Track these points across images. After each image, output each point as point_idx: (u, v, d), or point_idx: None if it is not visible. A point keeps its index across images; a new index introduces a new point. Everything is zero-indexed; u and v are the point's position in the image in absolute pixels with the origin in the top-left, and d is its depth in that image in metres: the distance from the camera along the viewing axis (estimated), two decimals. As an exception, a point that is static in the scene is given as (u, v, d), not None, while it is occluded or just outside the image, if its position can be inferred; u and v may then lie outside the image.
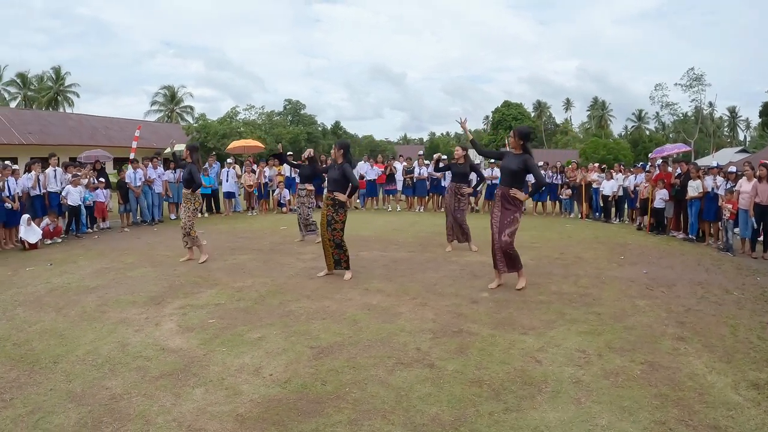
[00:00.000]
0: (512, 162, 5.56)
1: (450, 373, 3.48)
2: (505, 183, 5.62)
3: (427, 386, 3.29)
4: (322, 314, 4.84)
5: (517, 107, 53.59)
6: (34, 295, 5.64)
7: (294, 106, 37.91)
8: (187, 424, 2.83)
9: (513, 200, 5.53)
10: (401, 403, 3.06)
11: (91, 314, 4.94)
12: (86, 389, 3.29)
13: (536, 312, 4.82)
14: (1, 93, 41.25)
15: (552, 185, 13.49)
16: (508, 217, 5.56)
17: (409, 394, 3.18)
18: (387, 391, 3.21)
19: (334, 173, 6.13)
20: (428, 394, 3.19)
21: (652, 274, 6.45)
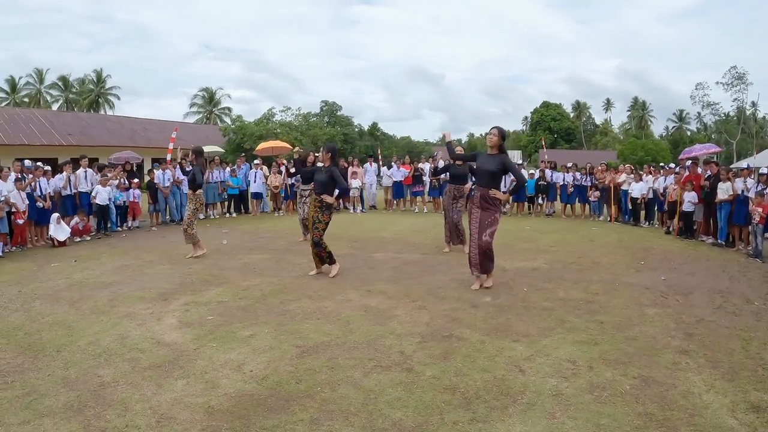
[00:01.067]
0: (489, 162, 5.45)
1: (426, 379, 3.35)
2: (483, 184, 5.50)
3: (399, 391, 3.18)
4: (318, 314, 4.80)
5: (556, 108, 52.16)
6: (53, 289, 5.87)
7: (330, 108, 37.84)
8: (160, 413, 2.94)
9: (492, 201, 5.44)
10: (367, 406, 2.99)
11: (101, 308, 5.11)
12: (80, 376, 3.46)
13: (536, 318, 4.58)
14: (43, 95, 42.23)
15: (581, 187, 12.95)
16: (488, 217, 5.46)
17: (378, 397, 3.10)
18: (357, 393, 3.15)
19: (321, 176, 6.19)
20: (397, 398, 3.09)
21: (671, 280, 6.02)
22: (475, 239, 5.44)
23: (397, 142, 44.60)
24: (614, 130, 60.92)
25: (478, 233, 5.43)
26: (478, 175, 5.54)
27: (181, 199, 11.32)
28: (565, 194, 13.13)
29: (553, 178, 13.30)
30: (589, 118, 62.65)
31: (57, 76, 42.90)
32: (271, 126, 28.10)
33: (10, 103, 38.54)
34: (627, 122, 61.25)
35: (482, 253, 5.44)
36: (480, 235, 5.41)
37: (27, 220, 8.06)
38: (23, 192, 7.88)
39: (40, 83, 41.49)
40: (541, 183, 13.27)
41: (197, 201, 7.47)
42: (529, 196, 13.57)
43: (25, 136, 22.55)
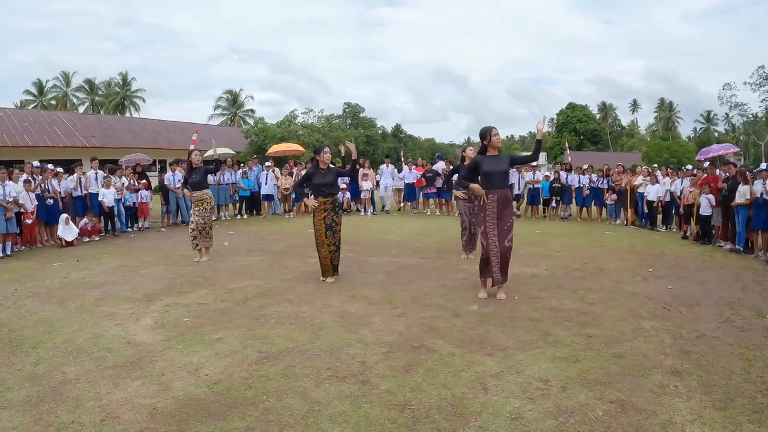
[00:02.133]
0: (501, 163, 5.12)
1: (378, 393, 3.07)
2: (499, 185, 5.08)
3: (346, 404, 2.93)
4: (292, 319, 4.58)
5: (581, 109, 50.52)
6: (47, 288, 5.86)
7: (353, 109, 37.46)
8: (107, 411, 2.93)
9: (510, 202, 5.13)
10: (307, 418, 2.79)
11: (86, 307, 5.08)
12: (46, 372, 3.50)
13: (518, 330, 4.18)
14: (70, 98, 42.39)
15: (597, 190, 12.29)
16: (507, 222, 5.09)
17: (322, 410, 2.88)
18: (302, 405, 2.95)
19: (327, 177, 5.93)
20: (341, 413, 2.84)
21: (678, 290, 5.47)
22: (496, 245, 5.00)
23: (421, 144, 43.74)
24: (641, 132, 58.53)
25: (498, 239, 5.00)
26: (491, 179, 5.02)
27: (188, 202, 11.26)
28: (581, 197, 12.49)
29: (569, 181, 12.67)
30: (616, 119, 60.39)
31: (83, 79, 43.18)
32: (293, 128, 27.92)
33: (38, 106, 38.87)
34: (654, 124, 58.85)
35: (505, 259, 5.05)
36: (502, 241, 5.00)
37: (36, 221, 8.15)
38: (32, 193, 7.95)
39: (67, 86, 41.67)
40: (556, 185, 12.67)
41: (211, 200, 7.35)
42: (543, 199, 12.99)
43: (49, 138, 22.51)
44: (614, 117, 59.75)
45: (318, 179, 5.92)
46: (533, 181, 13.12)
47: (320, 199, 5.88)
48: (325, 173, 5.92)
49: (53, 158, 18.54)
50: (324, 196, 5.88)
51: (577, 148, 47.11)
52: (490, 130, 5.14)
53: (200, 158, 7.35)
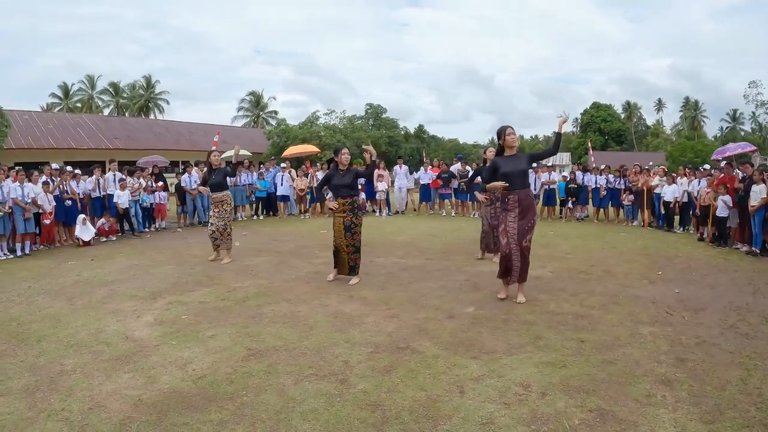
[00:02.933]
0: (520, 163, 4.96)
1: (354, 393, 3.04)
2: (519, 185, 4.92)
3: (320, 402, 2.93)
4: (286, 318, 4.58)
5: (606, 108, 49.04)
6: (59, 285, 6.01)
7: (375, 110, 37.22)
8: (96, 401, 3.03)
9: (531, 203, 5.01)
10: (280, 414, 2.81)
11: (93, 304, 5.21)
12: (47, 363, 3.63)
13: (510, 333, 4.05)
14: (95, 101, 41.65)
15: (614, 190, 11.91)
16: (528, 222, 4.96)
17: (296, 407, 2.89)
18: (277, 401, 2.98)
19: (346, 179, 5.83)
20: (313, 410, 2.84)
21: (685, 294, 5.21)
22: (515, 245, 4.89)
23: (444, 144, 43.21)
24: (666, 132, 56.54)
25: (517, 239, 4.89)
26: (510, 179, 4.85)
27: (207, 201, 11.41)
28: (598, 198, 12.13)
29: (585, 181, 12.33)
30: (640, 119, 58.37)
31: (108, 82, 42.86)
32: (315, 129, 27.93)
33: (63, 109, 38.86)
34: (679, 123, 56.75)
35: (523, 257, 4.94)
36: (520, 241, 4.89)
37: (54, 221, 8.40)
38: (50, 194, 8.20)
39: (92, 89, 41.64)
40: (572, 186, 12.34)
41: (231, 201, 7.38)
42: (559, 200, 12.68)
43: (73, 140, 22.70)
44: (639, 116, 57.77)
45: (337, 180, 5.85)
46: (549, 181, 12.83)
47: (339, 200, 5.81)
48: (344, 174, 5.84)
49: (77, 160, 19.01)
50: (343, 197, 5.81)
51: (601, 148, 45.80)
52: (505, 130, 5.02)
53: (219, 159, 7.40)
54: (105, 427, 2.70)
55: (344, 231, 5.81)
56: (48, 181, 8.28)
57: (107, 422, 2.75)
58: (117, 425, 2.72)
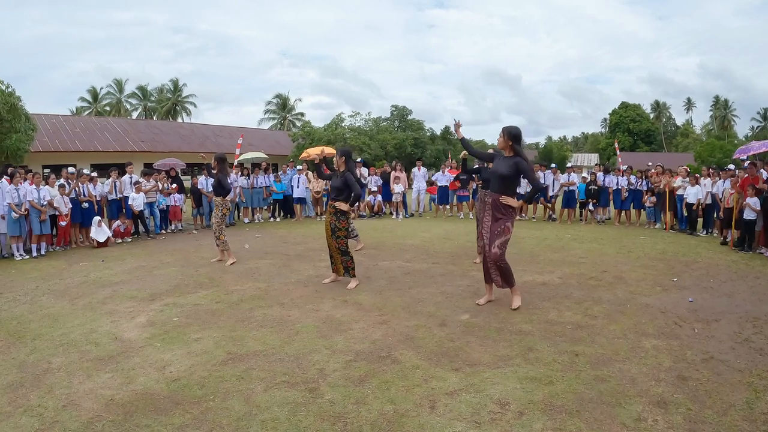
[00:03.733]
0: (502, 165, 4.65)
1: (321, 402, 2.90)
2: (495, 189, 4.69)
3: (284, 411, 2.83)
4: (275, 323, 4.47)
5: (634, 108, 47.21)
6: (65, 286, 6.08)
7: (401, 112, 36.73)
8: (71, 399, 3.06)
9: (504, 208, 4.62)
10: (240, 421, 2.74)
11: (93, 305, 5.23)
12: (35, 361, 3.68)
13: (500, 344, 3.78)
14: (123, 104, 41.52)
15: (636, 192, 11.32)
16: (498, 226, 4.64)
17: (259, 414, 2.81)
18: (242, 407, 2.90)
19: (336, 182, 5.76)
20: (274, 419, 2.75)
21: (699, 302, 4.79)
22: (487, 251, 4.69)
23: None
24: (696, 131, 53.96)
25: (489, 244, 4.67)
26: (492, 179, 4.75)
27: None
28: (619, 199, 11.56)
29: (606, 182, 11.77)
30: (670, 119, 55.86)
31: (136, 86, 42.78)
32: (340, 131, 27.79)
33: (92, 112, 39.27)
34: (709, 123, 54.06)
35: (495, 266, 4.67)
36: (490, 247, 4.64)
37: (71, 223, 8.55)
38: (67, 197, 8.35)
39: (120, 93, 41.84)
40: (592, 187, 11.81)
41: (225, 207, 7.33)
42: (580, 202, 12.16)
43: (99, 143, 22.68)
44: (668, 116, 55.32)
45: (332, 182, 5.85)
46: (568, 183, 12.33)
47: (330, 202, 5.84)
48: (337, 177, 5.79)
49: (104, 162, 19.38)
50: (332, 199, 5.82)
51: (630, 149, 44.17)
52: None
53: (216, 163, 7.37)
54: (73, 425, 2.73)
55: (331, 233, 5.79)
56: (64, 183, 8.45)
57: (76, 420, 2.78)
58: (84, 423, 2.74)
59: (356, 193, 5.60)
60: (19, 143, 12.90)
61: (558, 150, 41.97)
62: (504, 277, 4.71)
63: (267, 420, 2.72)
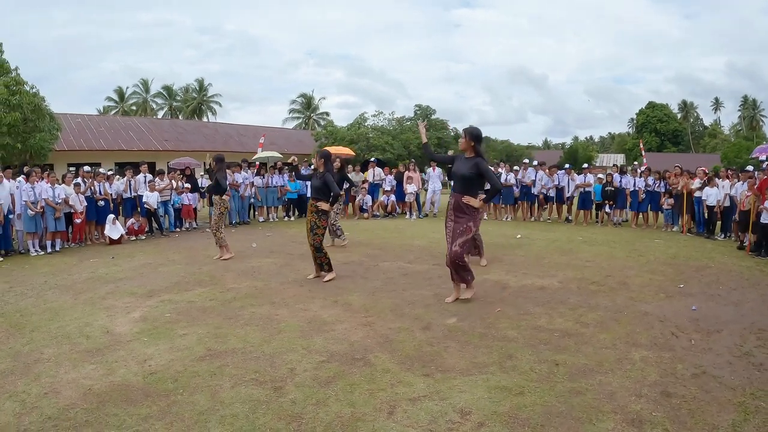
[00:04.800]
0: (463, 166, 4.65)
1: (282, 402, 2.86)
2: (457, 190, 4.71)
3: (244, 408, 2.81)
4: (261, 321, 4.43)
5: (662, 108, 45.40)
6: (72, 281, 6.19)
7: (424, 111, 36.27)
8: (54, 387, 3.14)
9: (466, 208, 4.64)
10: (201, 416, 2.74)
11: (94, 300, 5.29)
12: (29, 351, 3.76)
13: (480, 350, 3.60)
14: (149, 104, 41.49)
15: (654, 193, 10.80)
16: (460, 226, 4.67)
17: (219, 410, 2.79)
18: (205, 403, 2.90)
19: (316, 182, 5.95)
20: (233, 415, 2.73)
21: (703, 311, 4.45)
22: (448, 249, 4.74)
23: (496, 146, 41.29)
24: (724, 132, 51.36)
25: (450, 243, 4.72)
26: (454, 180, 4.75)
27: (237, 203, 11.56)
28: (636, 201, 11.06)
29: (622, 183, 11.29)
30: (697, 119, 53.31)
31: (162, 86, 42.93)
32: (363, 130, 27.61)
33: (119, 112, 39.45)
34: (738, 123, 51.35)
35: (453, 264, 4.73)
36: (451, 245, 4.68)
37: (87, 220, 8.74)
38: (82, 195, 8.54)
39: (146, 92, 41.88)
40: (609, 189, 11.34)
41: (222, 206, 7.37)
42: (596, 203, 11.70)
43: (124, 143, 22.77)
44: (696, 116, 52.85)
45: (312, 181, 6.05)
46: (584, 184, 11.87)
47: (311, 201, 6.01)
48: (316, 178, 5.97)
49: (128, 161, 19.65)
50: (313, 199, 5.97)
51: (657, 149, 42.52)
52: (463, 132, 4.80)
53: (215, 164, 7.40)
54: (50, 411, 2.82)
55: (309, 231, 5.96)
56: (80, 182, 8.65)
57: (54, 406, 2.87)
58: (60, 410, 2.83)
59: (335, 192, 5.85)
60: (42, 142, 13.31)
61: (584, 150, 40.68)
62: (460, 274, 4.79)
63: (226, 416, 2.70)
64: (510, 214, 12.87)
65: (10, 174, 8.13)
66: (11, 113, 12.10)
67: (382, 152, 26.69)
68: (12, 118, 12.06)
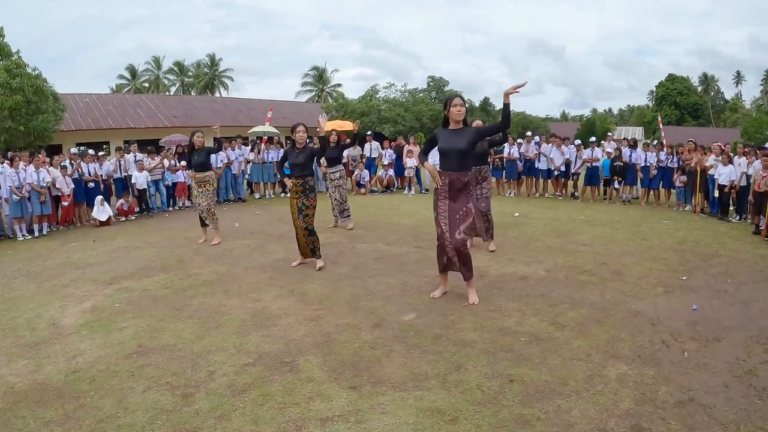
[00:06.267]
0: (458, 140, 3.84)
1: (184, 413, 2.57)
2: (451, 167, 3.88)
3: (145, 417, 2.53)
4: (206, 313, 4.03)
5: (682, 81, 42.53)
6: (42, 268, 5.87)
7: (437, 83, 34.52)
8: None
9: (464, 187, 3.89)
10: (100, 423, 2.50)
11: (56, 288, 4.97)
12: None
13: (426, 357, 3.01)
14: (161, 80, 40.21)
15: (666, 170, 9.80)
16: (460, 209, 3.92)
17: (120, 418, 2.53)
18: (111, 408, 2.64)
19: (298, 158, 5.20)
20: (130, 425, 2.46)
21: (706, 312, 3.71)
22: (448, 238, 3.95)
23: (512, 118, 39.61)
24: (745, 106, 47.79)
25: (450, 230, 3.94)
26: (445, 158, 3.92)
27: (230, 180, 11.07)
28: (647, 177, 10.07)
29: (632, 159, 10.28)
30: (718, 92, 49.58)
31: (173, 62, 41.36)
32: (374, 103, 26.53)
33: (131, 89, 38.36)
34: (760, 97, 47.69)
35: (458, 252, 3.93)
36: (453, 233, 3.92)
37: (76, 202, 8.40)
38: (69, 177, 8.15)
39: (158, 69, 40.10)
40: (618, 164, 10.36)
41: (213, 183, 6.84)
42: (604, 179, 10.75)
43: (132, 120, 21.97)
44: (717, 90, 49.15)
45: (291, 159, 5.28)
46: (591, 158, 10.89)
47: (293, 180, 5.27)
48: (298, 153, 5.22)
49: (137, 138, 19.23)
50: (296, 177, 5.24)
51: (677, 123, 40.08)
52: (451, 100, 3.97)
53: (203, 140, 6.81)
54: None
55: (297, 213, 5.22)
56: (66, 165, 8.26)
57: None
58: None
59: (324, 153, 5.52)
60: (45, 124, 13.05)
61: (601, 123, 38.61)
62: (467, 265, 4.00)
63: (123, 425, 2.46)
64: (514, 189, 12.04)
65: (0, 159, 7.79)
66: (12, 96, 11.80)
67: (393, 124, 25.66)
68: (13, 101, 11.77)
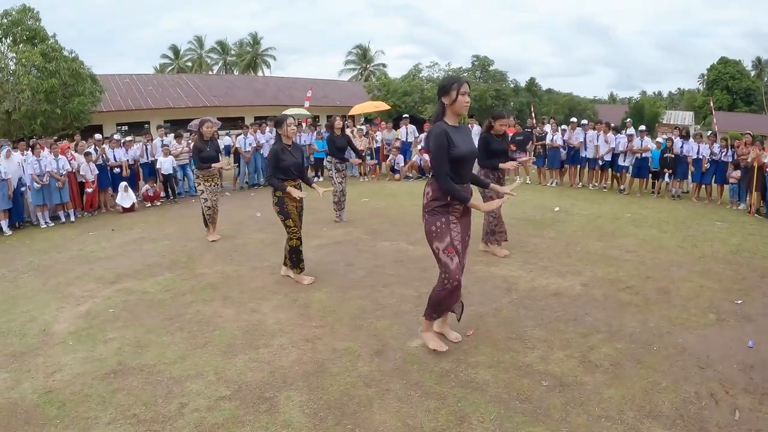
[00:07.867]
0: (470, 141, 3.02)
1: None
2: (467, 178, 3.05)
3: None
4: (198, 325, 3.77)
5: (734, 65, 38.92)
6: (53, 262, 5.80)
7: (482, 62, 32.90)
8: None
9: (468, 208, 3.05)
10: None
11: (59, 287, 4.85)
12: None
13: (428, 402, 2.60)
14: (204, 60, 40.01)
15: (720, 163, 8.73)
16: (467, 230, 3.13)
17: None
18: None
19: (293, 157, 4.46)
20: None
21: (763, 351, 3.04)
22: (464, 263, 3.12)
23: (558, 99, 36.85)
24: None
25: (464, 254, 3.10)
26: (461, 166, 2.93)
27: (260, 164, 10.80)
28: (699, 171, 9.04)
29: (684, 150, 9.25)
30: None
31: (215, 41, 41.19)
32: (417, 82, 25.66)
33: (174, 69, 37.78)
34: None
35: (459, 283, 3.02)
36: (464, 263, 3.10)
37: (100, 189, 8.41)
38: (93, 164, 8.13)
39: (201, 48, 40.01)
40: (668, 155, 9.36)
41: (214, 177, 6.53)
42: (652, 171, 9.78)
43: (171, 100, 21.92)
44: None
45: (287, 159, 4.41)
46: (641, 149, 9.89)
47: (290, 183, 4.43)
48: (292, 151, 4.49)
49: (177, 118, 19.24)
50: (293, 180, 4.47)
51: (729, 109, 36.80)
52: (460, 85, 2.87)
53: (213, 130, 6.49)
54: None
55: (299, 219, 4.61)
56: (90, 151, 8.24)
57: None
58: None
59: None
60: (81, 106, 13.26)
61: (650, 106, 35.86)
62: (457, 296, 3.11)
63: None
64: (556, 178, 11.21)
65: (24, 147, 7.84)
66: (48, 80, 11.99)
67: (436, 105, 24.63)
68: (49, 84, 11.96)
